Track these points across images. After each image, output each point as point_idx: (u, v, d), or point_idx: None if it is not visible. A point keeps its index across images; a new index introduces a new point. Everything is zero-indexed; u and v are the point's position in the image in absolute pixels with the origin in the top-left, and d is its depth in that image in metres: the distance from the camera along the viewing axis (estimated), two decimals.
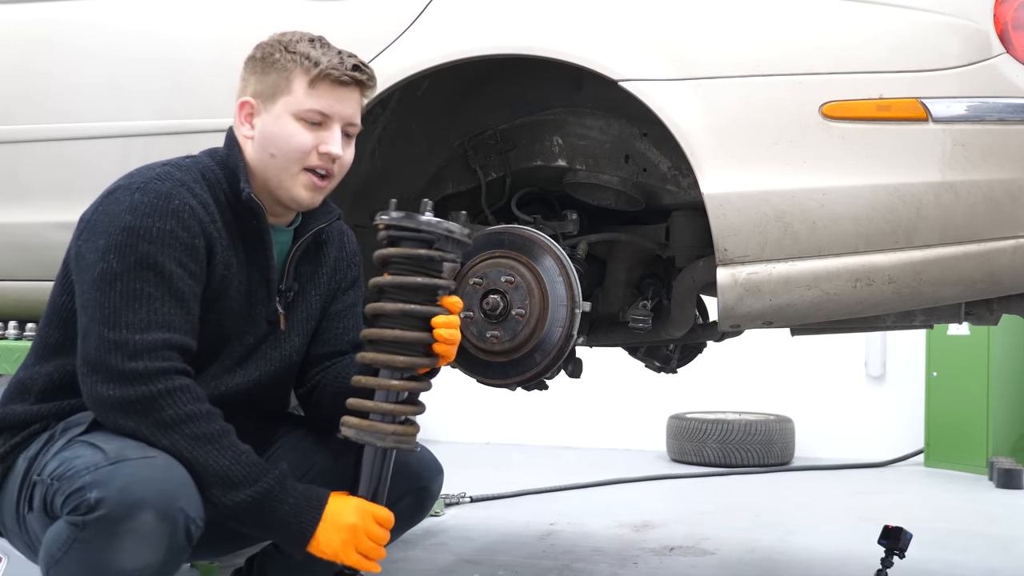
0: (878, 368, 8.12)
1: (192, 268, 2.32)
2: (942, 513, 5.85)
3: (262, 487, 2.26)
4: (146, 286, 2.25)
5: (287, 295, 2.56)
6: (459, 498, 5.87)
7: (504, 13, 3.02)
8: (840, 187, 2.76)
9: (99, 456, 2.15)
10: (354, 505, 2.33)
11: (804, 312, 2.85)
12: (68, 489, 2.13)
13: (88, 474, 2.12)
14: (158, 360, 2.23)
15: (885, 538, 3.66)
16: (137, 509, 2.07)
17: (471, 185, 3.44)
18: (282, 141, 2.43)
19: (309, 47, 2.42)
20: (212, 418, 2.26)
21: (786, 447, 7.60)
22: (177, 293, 2.29)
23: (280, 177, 2.45)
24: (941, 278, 2.82)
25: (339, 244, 2.70)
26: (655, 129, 3.06)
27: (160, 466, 2.15)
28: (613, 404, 8.31)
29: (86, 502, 2.08)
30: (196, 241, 2.33)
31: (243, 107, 2.47)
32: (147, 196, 2.31)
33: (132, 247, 2.26)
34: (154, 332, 2.24)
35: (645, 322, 3.27)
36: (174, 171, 2.39)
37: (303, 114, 2.41)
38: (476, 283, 3.09)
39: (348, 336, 2.68)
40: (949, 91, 2.75)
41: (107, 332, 2.22)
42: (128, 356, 2.21)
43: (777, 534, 5.22)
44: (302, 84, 2.41)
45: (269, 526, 2.29)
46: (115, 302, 2.23)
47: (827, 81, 2.77)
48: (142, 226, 2.27)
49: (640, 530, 5.26)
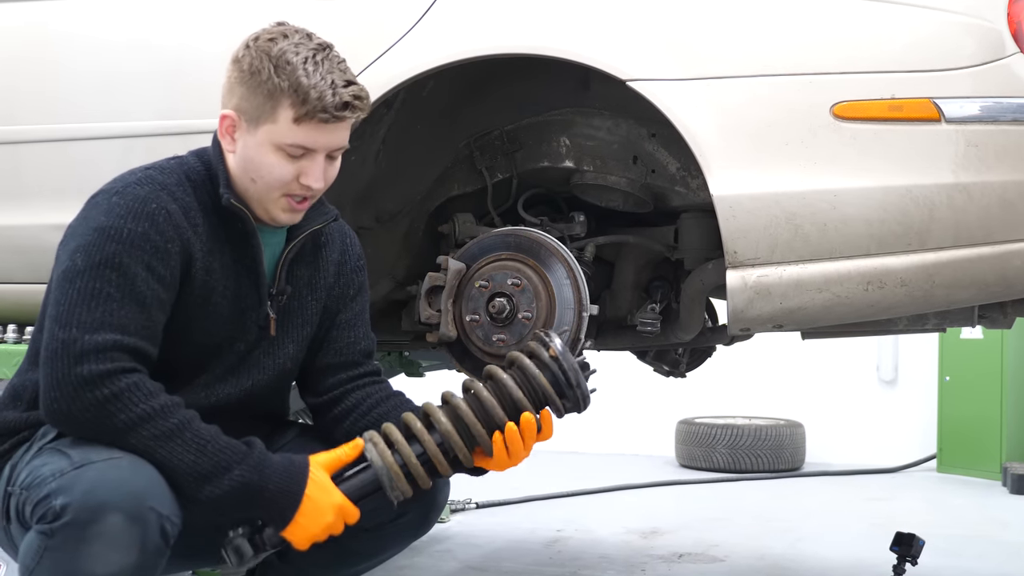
0: (890, 372, 8.11)
1: (161, 273, 2.27)
2: (955, 519, 5.85)
3: (236, 476, 2.21)
4: (106, 286, 2.20)
5: (279, 299, 2.51)
6: (465, 504, 5.87)
7: (510, 12, 3.01)
8: (851, 188, 2.75)
9: (64, 462, 2.13)
10: (337, 504, 2.29)
11: (815, 315, 2.85)
12: (35, 498, 2.12)
13: (53, 481, 2.10)
14: (104, 362, 2.16)
15: (897, 545, 3.66)
16: (102, 512, 2.05)
17: (477, 186, 3.43)
18: (263, 170, 2.34)
19: (301, 72, 2.28)
20: (167, 412, 2.20)
21: (797, 452, 7.59)
22: (138, 296, 2.23)
23: (260, 199, 2.38)
24: (954, 281, 2.81)
25: (341, 247, 2.65)
26: (664, 130, 3.06)
27: (125, 466, 2.13)
28: (621, 409, 8.29)
29: (52, 509, 2.07)
30: (169, 246, 2.28)
31: (224, 119, 2.37)
32: (124, 199, 2.28)
33: (99, 246, 2.22)
34: (105, 333, 2.18)
35: (654, 325, 3.27)
36: (156, 175, 2.35)
37: (286, 148, 2.32)
38: (482, 286, 3.09)
39: (360, 346, 2.65)
40: (962, 91, 2.75)
41: (58, 331, 2.18)
42: (74, 358, 2.15)
43: (787, 541, 5.21)
44: (287, 117, 2.29)
45: (251, 511, 2.26)
46: (72, 299, 2.19)
47: (838, 81, 2.77)
48: (113, 226, 2.24)
49: (648, 537, 5.25)
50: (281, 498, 2.25)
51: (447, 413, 2.38)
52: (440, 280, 3.15)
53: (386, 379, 2.69)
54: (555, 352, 2.39)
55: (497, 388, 2.39)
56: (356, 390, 2.62)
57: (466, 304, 3.14)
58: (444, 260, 3.16)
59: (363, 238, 3.32)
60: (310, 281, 2.58)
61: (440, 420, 2.37)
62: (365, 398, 2.60)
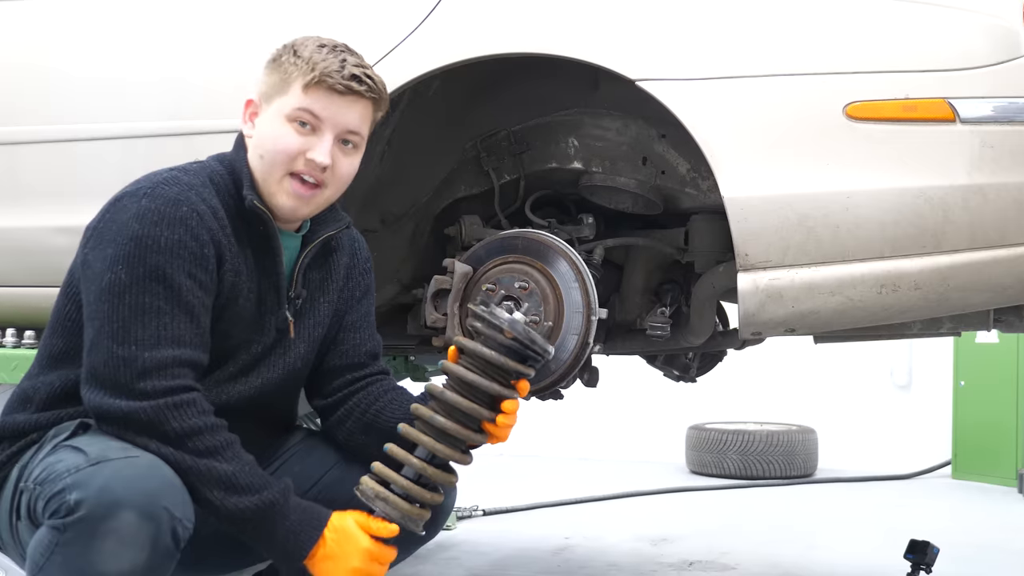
0: (904, 377, 8.10)
1: (202, 279, 2.33)
2: (970, 527, 5.84)
3: (266, 497, 2.27)
4: (155, 299, 2.26)
5: (296, 302, 2.57)
6: (472, 511, 5.86)
7: (518, 11, 3.01)
8: (865, 190, 2.75)
9: (80, 458, 2.16)
10: (364, 549, 2.33)
11: (828, 319, 2.85)
12: (49, 492, 2.13)
13: (68, 476, 2.12)
14: (168, 378, 2.24)
15: (911, 552, 3.65)
16: (117, 508, 2.07)
17: (484, 188, 3.43)
18: (269, 142, 2.42)
19: (316, 52, 2.41)
20: (217, 430, 2.28)
21: (809, 459, 7.59)
22: (187, 306, 2.30)
23: (267, 181, 2.44)
24: (969, 284, 2.81)
25: (350, 251, 2.71)
26: (674, 130, 3.05)
27: (143, 465, 2.16)
28: (630, 414, 8.30)
29: (66, 504, 2.09)
30: (205, 250, 2.34)
31: (248, 106, 2.49)
32: (154, 202, 2.31)
33: (140, 258, 2.26)
34: (164, 349, 2.25)
35: (663, 329, 3.27)
36: (181, 175, 2.39)
37: (292, 114, 2.40)
38: (489, 289, 3.08)
39: (366, 347, 2.71)
40: (977, 91, 2.75)
41: (116, 348, 2.23)
42: (138, 374, 2.22)
43: (799, 548, 5.21)
44: (298, 87, 2.40)
45: (268, 539, 2.30)
46: (124, 316, 2.24)
47: (851, 80, 2.76)
48: (150, 235, 2.27)
49: (658, 544, 5.25)
50: (300, 529, 2.31)
51: (424, 428, 2.43)
52: (446, 283, 3.15)
53: (390, 376, 2.73)
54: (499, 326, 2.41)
55: (461, 384, 2.42)
56: (360, 391, 2.67)
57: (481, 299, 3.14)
58: (450, 263, 3.16)
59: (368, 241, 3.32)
60: (322, 284, 2.63)
61: (422, 439, 2.41)
62: (363, 399, 2.66)
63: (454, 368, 2.42)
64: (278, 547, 2.31)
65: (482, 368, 2.41)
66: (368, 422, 2.63)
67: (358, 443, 2.64)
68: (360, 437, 2.64)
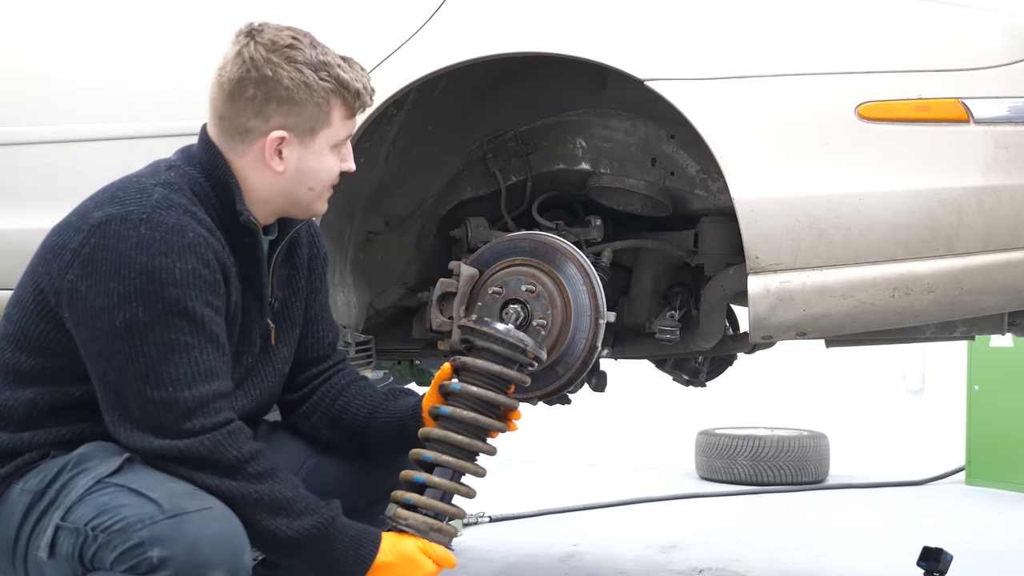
0: (917, 382, 8.09)
1: (217, 305, 2.31)
2: (984, 534, 5.82)
3: (326, 515, 2.30)
4: (181, 335, 2.22)
5: (273, 306, 2.55)
6: (478, 518, 5.85)
7: (525, 9, 3.01)
8: (877, 191, 2.75)
9: (151, 508, 2.13)
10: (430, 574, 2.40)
11: (839, 323, 2.85)
12: (122, 544, 2.10)
13: (144, 529, 2.10)
14: (212, 415, 2.24)
15: (924, 560, 3.65)
16: (207, 569, 2.09)
17: (490, 189, 3.44)
18: (323, 174, 2.43)
19: (339, 70, 2.38)
20: (266, 454, 2.31)
21: (820, 464, 7.57)
22: (212, 336, 2.28)
23: (310, 201, 2.46)
24: (983, 287, 2.81)
25: (308, 241, 2.68)
26: (683, 131, 3.06)
27: (221, 518, 2.17)
28: (639, 419, 8.29)
29: (147, 560, 2.07)
30: (216, 275, 2.30)
31: (274, 141, 2.37)
32: (157, 231, 2.23)
33: (157, 293, 2.20)
34: (201, 385, 2.23)
35: (673, 333, 3.27)
36: (169, 193, 2.31)
37: (338, 144, 2.43)
38: (496, 292, 3.07)
39: (328, 338, 2.74)
40: (991, 91, 2.75)
41: (151, 391, 2.20)
42: (181, 416, 2.21)
43: (811, 556, 5.20)
44: (340, 116, 2.40)
45: (326, 558, 2.31)
46: (151, 356, 2.21)
47: (863, 80, 2.76)
48: (162, 267, 2.21)
49: (667, 551, 5.25)
50: (360, 543, 2.35)
51: (441, 449, 2.50)
52: (452, 286, 3.14)
53: (348, 364, 2.79)
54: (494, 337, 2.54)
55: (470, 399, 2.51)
56: (324, 383, 2.72)
57: (479, 311, 3.13)
58: (456, 265, 3.15)
59: (373, 243, 3.34)
60: (290, 282, 2.63)
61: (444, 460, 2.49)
62: (327, 392, 2.72)
63: (466, 387, 2.51)
64: (337, 564, 2.32)
65: (483, 382, 2.50)
66: (334, 417, 2.68)
67: (324, 437, 2.70)
68: (325, 432, 2.69)
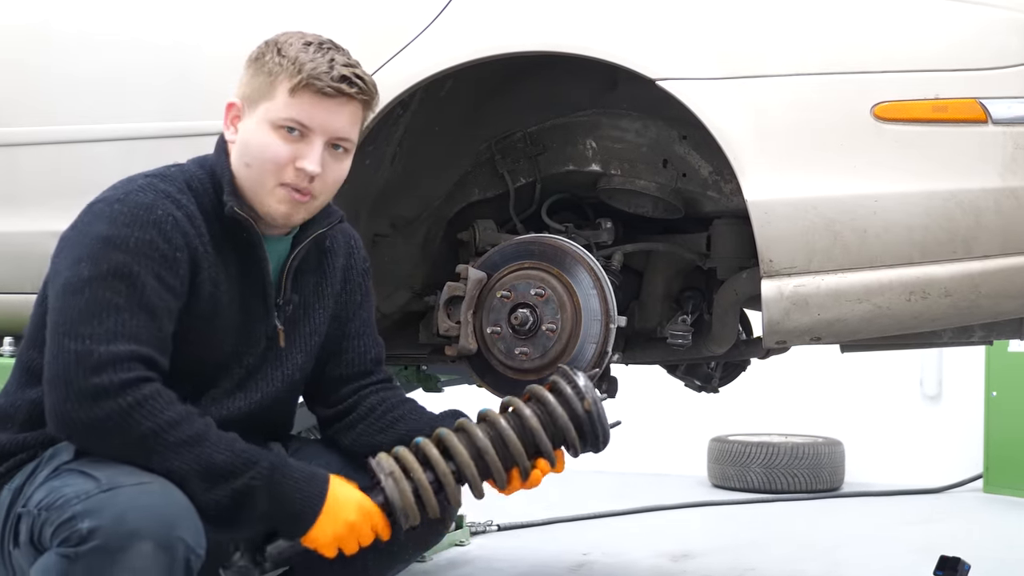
0: (934, 387, 8.08)
1: (171, 283, 2.28)
2: (1002, 542, 5.81)
3: (265, 464, 2.25)
4: (115, 296, 2.21)
5: (286, 309, 2.53)
6: (486, 526, 5.84)
7: (533, 7, 3.01)
8: (893, 193, 2.74)
9: (90, 484, 2.13)
10: (357, 501, 2.33)
11: (855, 327, 2.84)
12: (58, 519, 2.10)
13: (79, 503, 2.09)
14: (122, 371, 2.17)
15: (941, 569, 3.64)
16: (134, 539, 2.05)
17: (498, 191, 3.43)
18: (256, 150, 2.36)
19: (302, 51, 2.34)
20: (191, 418, 2.23)
21: (835, 472, 7.56)
22: (148, 306, 2.24)
23: (255, 189, 2.39)
24: (1002, 290, 2.80)
25: (346, 252, 2.67)
26: (695, 131, 3.05)
27: (156, 492, 2.13)
28: (650, 426, 8.26)
29: (78, 532, 2.06)
30: (178, 254, 2.29)
31: (230, 109, 2.42)
32: (127, 206, 2.27)
33: (106, 256, 2.22)
34: (119, 343, 2.19)
35: (685, 338, 3.26)
36: (157, 182, 2.35)
37: (280, 122, 2.34)
38: (504, 296, 3.08)
39: (371, 354, 2.70)
40: (1010, 91, 2.74)
41: (68, 342, 2.18)
42: (91, 369, 2.16)
43: (825, 565, 5.19)
44: (284, 91, 2.33)
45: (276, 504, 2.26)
46: (80, 311, 2.19)
47: (879, 80, 2.76)
48: (118, 235, 2.24)
49: (679, 560, 5.24)
50: (307, 486, 2.30)
51: (464, 442, 2.43)
52: (459, 290, 3.15)
53: (398, 385, 2.74)
54: (583, 394, 2.47)
55: (519, 424, 2.46)
56: (369, 396, 2.67)
57: (487, 315, 3.13)
58: (464, 269, 3.16)
59: (379, 246, 3.33)
60: (316, 289, 2.60)
61: (459, 451, 2.42)
62: (378, 403, 2.65)
63: (523, 408, 2.47)
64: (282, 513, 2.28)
65: (546, 422, 2.45)
66: (384, 427, 2.62)
67: (369, 442, 2.60)
68: (375, 437, 2.61)
